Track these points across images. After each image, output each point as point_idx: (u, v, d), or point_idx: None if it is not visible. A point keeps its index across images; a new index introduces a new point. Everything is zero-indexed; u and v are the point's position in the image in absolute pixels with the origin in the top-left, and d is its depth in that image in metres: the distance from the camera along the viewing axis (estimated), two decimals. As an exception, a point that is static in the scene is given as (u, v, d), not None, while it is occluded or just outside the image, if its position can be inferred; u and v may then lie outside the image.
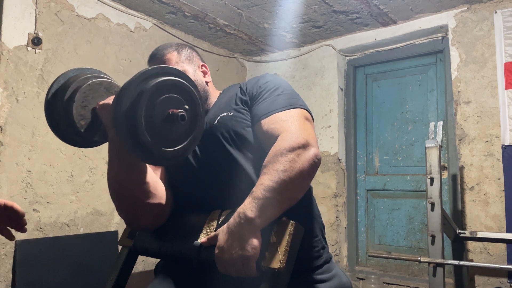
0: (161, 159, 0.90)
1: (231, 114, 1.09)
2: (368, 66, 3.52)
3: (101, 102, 0.97)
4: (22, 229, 1.16)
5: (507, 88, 2.60)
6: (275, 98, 1.06)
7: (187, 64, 1.19)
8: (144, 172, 0.99)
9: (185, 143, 0.91)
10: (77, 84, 0.99)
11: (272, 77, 1.15)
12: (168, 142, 0.88)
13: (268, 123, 1.02)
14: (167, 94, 0.87)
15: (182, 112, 0.87)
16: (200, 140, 1.12)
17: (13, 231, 1.24)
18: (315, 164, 0.94)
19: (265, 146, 1.01)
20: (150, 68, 0.88)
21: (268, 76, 1.15)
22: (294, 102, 1.06)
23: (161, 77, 0.87)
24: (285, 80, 1.17)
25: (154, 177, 1.04)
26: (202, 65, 1.25)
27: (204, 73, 1.24)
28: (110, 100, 0.95)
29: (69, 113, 0.97)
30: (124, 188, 0.99)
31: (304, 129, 0.98)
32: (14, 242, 2.24)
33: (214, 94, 1.23)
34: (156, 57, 1.18)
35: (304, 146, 0.93)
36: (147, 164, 1.00)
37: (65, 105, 0.97)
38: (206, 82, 1.22)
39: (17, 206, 1.13)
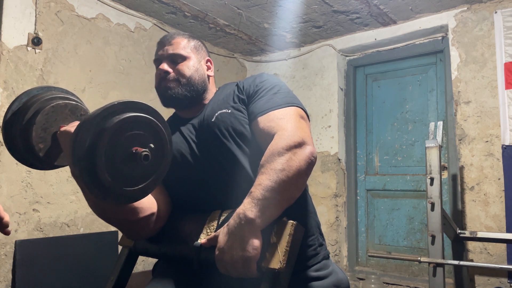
0: (120, 198, 0.84)
1: (229, 111, 1.09)
2: (368, 66, 3.52)
3: (63, 128, 0.92)
4: (6, 231, 1.12)
5: (507, 88, 2.60)
6: (271, 97, 1.06)
7: (194, 52, 1.19)
8: None
9: (148, 181, 0.86)
10: (40, 104, 0.93)
11: (269, 76, 1.16)
12: (130, 181, 0.83)
13: (264, 121, 1.02)
14: (132, 131, 0.81)
15: (146, 152, 0.81)
16: (198, 138, 1.11)
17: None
18: (311, 162, 0.94)
19: (261, 143, 1.02)
20: (117, 102, 0.81)
21: (265, 75, 1.16)
22: (290, 100, 1.07)
23: (128, 113, 0.81)
24: (281, 79, 1.18)
25: None
26: (208, 60, 1.26)
27: (208, 67, 1.25)
28: (71, 127, 0.91)
29: (28, 135, 0.91)
30: (109, 213, 0.97)
31: (300, 127, 0.98)
32: (14, 242, 2.24)
33: (212, 90, 1.24)
34: (166, 39, 1.19)
35: (300, 145, 0.93)
36: None
37: (24, 127, 0.91)
38: (208, 76, 1.23)
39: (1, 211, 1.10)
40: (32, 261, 2.27)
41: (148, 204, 1.01)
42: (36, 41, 2.38)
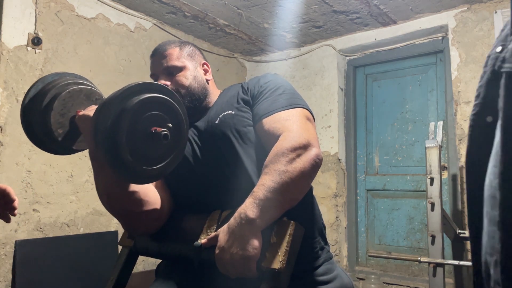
0: (142, 177, 0.87)
1: (233, 112, 1.08)
2: (368, 66, 3.52)
3: (81, 113, 0.94)
4: (13, 212, 1.14)
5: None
6: (276, 98, 1.06)
7: (188, 60, 1.18)
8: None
9: (167, 161, 0.89)
10: (56, 90, 0.95)
11: (273, 76, 1.14)
12: (150, 161, 0.85)
13: (269, 122, 1.01)
14: (151, 112, 0.84)
15: (166, 131, 0.84)
16: (202, 140, 1.11)
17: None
18: (316, 165, 0.93)
19: (266, 145, 1.01)
20: (134, 84, 0.84)
21: (270, 75, 1.15)
22: (295, 101, 1.06)
23: (145, 94, 0.83)
24: (286, 79, 1.17)
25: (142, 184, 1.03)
26: (204, 63, 1.24)
27: (206, 71, 1.23)
28: (89, 111, 0.92)
29: (47, 121, 0.93)
30: (114, 200, 0.98)
31: (306, 129, 0.98)
32: (14, 242, 2.24)
33: (214, 93, 1.23)
34: (158, 52, 1.18)
35: (306, 147, 0.93)
36: None
37: (42, 113, 0.94)
38: (207, 80, 1.22)
39: (9, 189, 1.12)
40: (32, 261, 2.27)
41: (153, 198, 1.02)
42: (36, 41, 2.38)
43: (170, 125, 0.86)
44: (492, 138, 0.53)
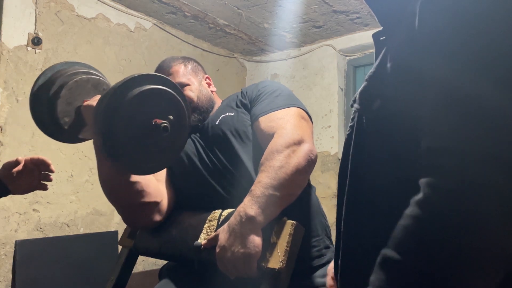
0: (141, 169, 0.87)
1: (232, 114, 1.12)
2: (368, 66, 3.51)
3: (86, 103, 0.96)
4: (49, 178, 1.20)
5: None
6: (273, 99, 1.10)
7: (193, 76, 1.23)
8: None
9: (167, 153, 0.89)
10: (64, 79, 0.96)
11: (271, 82, 1.20)
12: (150, 152, 0.86)
13: (265, 121, 1.05)
14: (152, 103, 0.84)
15: (166, 123, 0.84)
16: (203, 140, 1.14)
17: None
18: (310, 160, 0.96)
19: (262, 143, 1.04)
20: (137, 75, 0.84)
21: (267, 81, 1.20)
22: (291, 102, 1.10)
23: (147, 86, 0.84)
24: (283, 84, 1.23)
25: (144, 176, 1.05)
26: (206, 77, 1.30)
27: (209, 84, 1.29)
28: (94, 101, 0.93)
29: (54, 109, 0.95)
30: (116, 190, 1.00)
31: (299, 126, 1.01)
32: (14, 242, 2.24)
33: (218, 103, 1.28)
34: (163, 69, 1.22)
35: (299, 142, 0.95)
36: None
37: (50, 100, 0.95)
38: (212, 91, 1.28)
39: (42, 157, 1.17)
40: (32, 261, 2.27)
41: (154, 191, 1.04)
42: (36, 41, 2.38)
43: (171, 117, 0.87)
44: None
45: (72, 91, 0.96)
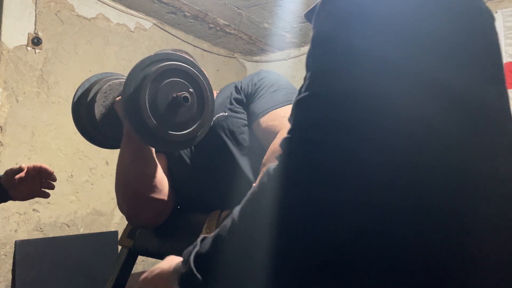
0: (168, 143, 0.92)
1: (226, 114, 1.08)
2: (368, 66, 3.51)
3: (117, 98, 1.01)
4: (51, 186, 1.23)
5: (508, 88, 2.60)
6: (272, 95, 1.05)
7: None
8: (153, 165, 1.02)
9: (194, 127, 0.94)
10: (99, 86, 1.04)
11: (267, 73, 1.13)
12: (175, 126, 0.90)
13: (267, 120, 1.01)
14: (171, 79, 0.90)
15: (185, 94, 0.89)
16: (198, 142, 1.12)
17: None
18: None
19: (264, 143, 1.01)
20: (154, 54, 0.91)
21: (263, 72, 1.13)
22: (291, 97, 1.04)
23: (165, 62, 0.89)
24: (280, 74, 1.15)
25: (161, 173, 1.06)
26: None
27: None
28: None
29: (92, 113, 1.02)
30: (131, 179, 1.01)
31: None
32: (14, 242, 2.24)
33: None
34: None
35: None
36: (156, 160, 1.03)
37: (88, 106, 1.03)
38: None
39: (45, 165, 1.21)
40: (32, 261, 2.27)
41: (165, 189, 1.05)
42: (36, 41, 2.38)
43: (191, 90, 0.92)
44: None
45: (106, 94, 1.03)
